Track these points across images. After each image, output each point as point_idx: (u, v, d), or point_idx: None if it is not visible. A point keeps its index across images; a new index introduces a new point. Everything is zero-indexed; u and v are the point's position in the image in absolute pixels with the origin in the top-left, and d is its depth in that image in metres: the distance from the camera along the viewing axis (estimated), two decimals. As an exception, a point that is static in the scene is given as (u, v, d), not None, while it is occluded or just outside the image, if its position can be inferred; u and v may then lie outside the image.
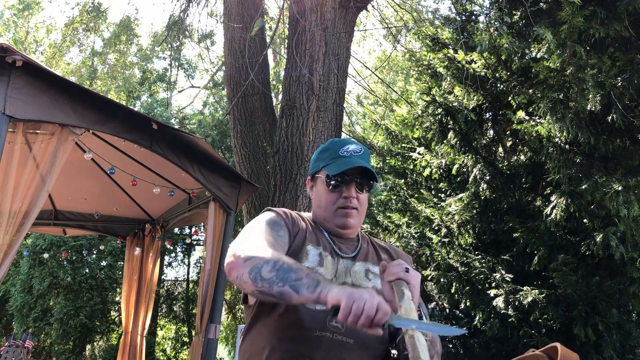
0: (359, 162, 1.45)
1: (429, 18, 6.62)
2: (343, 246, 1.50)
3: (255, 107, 5.79)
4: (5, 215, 2.61)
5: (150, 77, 15.47)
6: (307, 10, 4.86)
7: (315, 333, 1.30)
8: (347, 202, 1.46)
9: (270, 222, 1.44)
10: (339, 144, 1.52)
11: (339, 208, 1.47)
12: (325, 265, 1.42)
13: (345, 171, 1.45)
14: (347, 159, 1.47)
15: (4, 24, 15.46)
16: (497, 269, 4.56)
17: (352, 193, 1.46)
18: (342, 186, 1.46)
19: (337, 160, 1.47)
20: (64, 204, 5.34)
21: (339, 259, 1.46)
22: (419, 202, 5.36)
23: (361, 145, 1.54)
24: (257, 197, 5.41)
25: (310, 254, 1.43)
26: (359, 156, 1.49)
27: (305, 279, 1.16)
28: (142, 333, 5.35)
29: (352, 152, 1.49)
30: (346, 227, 1.49)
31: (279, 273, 1.17)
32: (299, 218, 1.52)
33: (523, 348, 3.97)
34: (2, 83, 2.61)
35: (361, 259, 1.50)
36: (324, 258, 1.44)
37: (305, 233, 1.48)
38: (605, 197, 3.83)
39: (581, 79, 4.02)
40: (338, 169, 1.45)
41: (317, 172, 1.53)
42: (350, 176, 1.46)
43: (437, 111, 5.33)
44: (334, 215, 1.49)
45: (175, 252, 12.99)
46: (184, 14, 6.80)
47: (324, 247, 1.47)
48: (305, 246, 1.44)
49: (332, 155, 1.50)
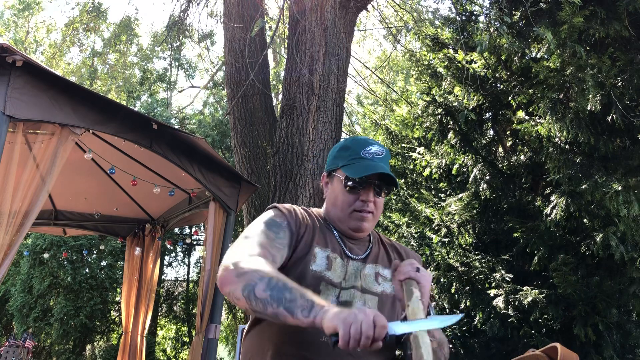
0: (380, 167, 1.40)
1: (429, 18, 6.62)
2: (354, 247, 1.46)
3: (255, 107, 5.79)
4: (5, 215, 2.61)
5: (150, 77, 15.47)
6: (307, 10, 4.86)
7: (322, 339, 1.27)
8: (364, 205, 1.41)
9: (269, 223, 1.39)
10: (361, 144, 1.46)
11: (355, 211, 1.42)
12: (334, 268, 1.39)
13: (370, 175, 1.39)
14: (368, 162, 1.41)
15: (4, 24, 15.46)
16: (497, 269, 4.56)
17: (370, 197, 1.41)
18: (361, 189, 1.41)
19: (359, 162, 1.42)
20: (64, 204, 5.34)
21: (348, 261, 1.42)
22: (419, 202, 5.37)
23: (383, 147, 1.48)
24: (257, 197, 5.41)
25: (318, 257, 1.39)
26: (381, 159, 1.43)
27: (300, 300, 1.11)
28: (142, 333, 5.35)
29: (375, 154, 1.44)
30: (360, 231, 1.45)
31: (273, 292, 1.13)
32: (306, 215, 1.47)
33: (523, 348, 3.97)
34: (2, 83, 2.61)
35: (371, 262, 1.46)
36: (332, 261, 1.40)
37: (312, 233, 1.43)
38: (605, 197, 3.83)
39: (581, 79, 4.01)
40: (359, 172, 1.39)
41: (334, 170, 1.47)
42: (370, 179, 1.40)
43: (437, 111, 5.33)
44: (349, 217, 1.44)
45: (175, 252, 12.99)
46: (184, 14, 6.80)
47: (333, 248, 1.43)
48: (313, 249, 1.40)
49: (353, 155, 1.44)
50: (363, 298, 1.38)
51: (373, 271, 1.44)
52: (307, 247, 1.40)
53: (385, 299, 1.40)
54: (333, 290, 1.35)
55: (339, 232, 1.48)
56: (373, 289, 1.40)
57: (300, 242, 1.40)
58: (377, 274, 1.44)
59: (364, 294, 1.38)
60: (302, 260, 1.37)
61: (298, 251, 1.38)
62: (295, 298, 1.12)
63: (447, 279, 4.74)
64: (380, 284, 1.42)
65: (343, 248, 1.45)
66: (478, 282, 4.59)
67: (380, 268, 1.46)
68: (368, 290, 1.39)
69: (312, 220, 1.47)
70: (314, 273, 1.36)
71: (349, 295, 1.37)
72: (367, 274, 1.42)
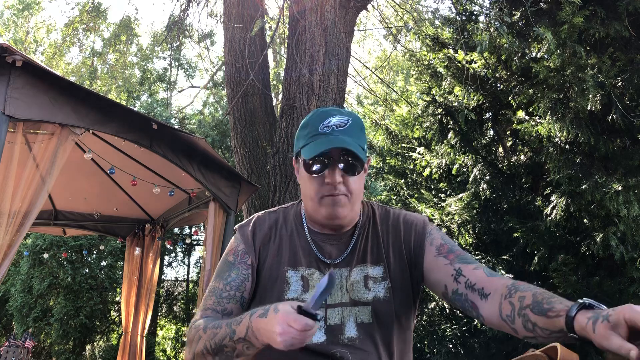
0: (338, 141, 1.19)
1: (429, 18, 6.62)
2: (334, 247, 1.29)
3: (255, 107, 5.79)
4: (5, 215, 2.61)
5: (150, 77, 15.47)
6: (307, 10, 4.86)
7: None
8: (332, 189, 1.20)
9: (222, 266, 1.31)
10: (320, 117, 1.24)
11: (324, 196, 1.22)
12: (313, 287, 1.24)
13: (326, 152, 1.19)
14: (326, 137, 1.20)
15: (4, 24, 15.46)
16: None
17: (336, 178, 1.19)
18: (326, 171, 1.20)
19: (316, 138, 1.21)
20: (64, 204, 5.34)
21: (329, 270, 1.25)
22: (419, 202, 5.36)
23: (348, 116, 1.24)
24: (257, 197, 5.41)
25: (292, 281, 1.25)
26: (343, 131, 1.20)
27: (233, 324, 1.10)
28: (142, 333, 5.35)
29: (335, 126, 1.21)
30: (335, 218, 1.23)
31: (213, 337, 1.14)
32: (268, 232, 1.32)
33: (523, 348, 3.97)
34: (2, 83, 2.61)
35: (358, 263, 1.27)
36: (309, 279, 1.25)
37: (278, 251, 1.29)
38: (605, 197, 3.83)
39: (581, 79, 4.01)
40: (313, 151, 1.19)
41: (298, 154, 1.27)
42: (333, 157, 1.19)
43: (437, 111, 5.33)
44: (319, 205, 1.23)
45: (175, 252, 12.99)
46: (184, 14, 6.80)
47: (307, 262, 1.27)
48: (284, 273, 1.26)
49: (312, 132, 1.22)
50: (354, 313, 1.24)
51: (361, 275, 1.26)
52: (276, 271, 1.27)
53: (379, 304, 1.24)
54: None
55: (317, 230, 1.31)
56: (363, 298, 1.24)
57: (264, 268, 1.28)
58: (366, 277, 1.26)
59: (355, 307, 1.24)
60: (274, 291, 1.25)
61: (264, 278, 1.28)
62: (229, 326, 1.11)
63: (447, 279, 4.73)
64: (371, 288, 1.25)
65: (318, 255, 1.28)
66: (478, 282, 4.59)
67: (369, 268, 1.27)
68: (358, 301, 1.24)
69: (277, 233, 1.32)
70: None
71: (338, 316, 1.24)
72: (354, 282, 1.25)
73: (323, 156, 1.20)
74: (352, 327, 1.23)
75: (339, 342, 1.21)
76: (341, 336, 1.22)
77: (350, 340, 1.22)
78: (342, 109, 1.29)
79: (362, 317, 1.23)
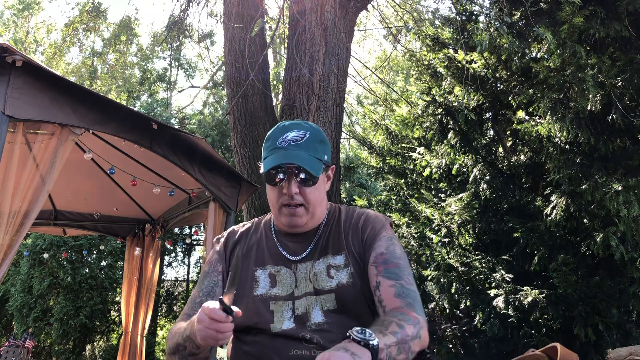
0: (289, 157, 1.27)
1: (429, 18, 6.62)
2: (298, 246, 1.37)
3: (255, 107, 5.78)
4: (5, 215, 2.61)
5: (150, 77, 15.47)
6: (307, 10, 4.86)
7: (291, 353, 1.25)
8: (289, 199, 1.30)
9: (200, 276, 1.44)
10: (281, 132, 1.33)
11: (283, 206, 1.32)
12: (280, 282, 1.33)
13: (281, 165, 1.27)
14: (282, 152, 1.29)
15: (4, 24, 15.46)
16: (497, 269, 4.56)
17: (292, 189, 1.29)
18: (283, 182, 1.29)
19: (274, 152, 1.30)
20: (64, 204, 5.34)
21: (296, 266, 1.34)
22: (419, 202, 5.36)
23: (306, 130, 1.33)
24: (257, 197, 5.40)
25: (260, 279, 1.35)
26: (298, 145, 1.29)
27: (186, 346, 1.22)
28: (142, 333, 5.35)
29: (291, 141, 1.30)
30: (294, 227, 1.34)
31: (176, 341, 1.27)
32: (239, 238, 1.44)
33: (523, 348, 3.97)
34: (2, 83, 2.61)
35: (321, 255, 1.35)
36: (276, 275, 1.34)
37: (247, 256, 1.39)
38: (605, 197, 3.83)
39: (581, 79, 4.01)
40: (269, 164, 1.28)
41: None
42: (289, 169, 1.28)
43: (437, 111, 5.33)
44: (279, 213, 1.34)
45: (175, 252, 13.00)
46: (184, 14, 6.80)
47: (274, 260, 1.36)
48: (254, 273, 1.36)
49: (272, 146, 1.32)
50: (319, 301, 1.29)
51: (324, 266, 1.33)
52: (246, 272, 1.36)
53: (343, 290, 1.30)
54: (286, 304, 1.30)
55: (283, 231, 1.40)
56: (327, 286, 1.30)
57: (239, 272, 1.34)
58: (329, 267, 1.33)
59: (319, 295, 1.30)
60: (245, 289, 1.34)
61: (240, 281, 1.35)
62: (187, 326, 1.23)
63: (447, 279, 4.73)
64: (334, 276, 1.31)
65: (284, 254, 1.37)
66: (478, 282, 4.59)
67: (330, 258, 1.34)
68: (321, 290, 1.30)
69: (248, 239, 1.44)
70: (259, 297, 1.32)
71: (303, 305, 1.30)
72: (317, 272, 1.32)
73: (280, 168, 1.28)
74: (319, 314, 1.28)
75: (307, 329, 1.27)
76: (308, 323, 1.28)
77: (318, 325, 1.27)
78: (303, 122, 1.37)
79: (327, 304, 1.29)
